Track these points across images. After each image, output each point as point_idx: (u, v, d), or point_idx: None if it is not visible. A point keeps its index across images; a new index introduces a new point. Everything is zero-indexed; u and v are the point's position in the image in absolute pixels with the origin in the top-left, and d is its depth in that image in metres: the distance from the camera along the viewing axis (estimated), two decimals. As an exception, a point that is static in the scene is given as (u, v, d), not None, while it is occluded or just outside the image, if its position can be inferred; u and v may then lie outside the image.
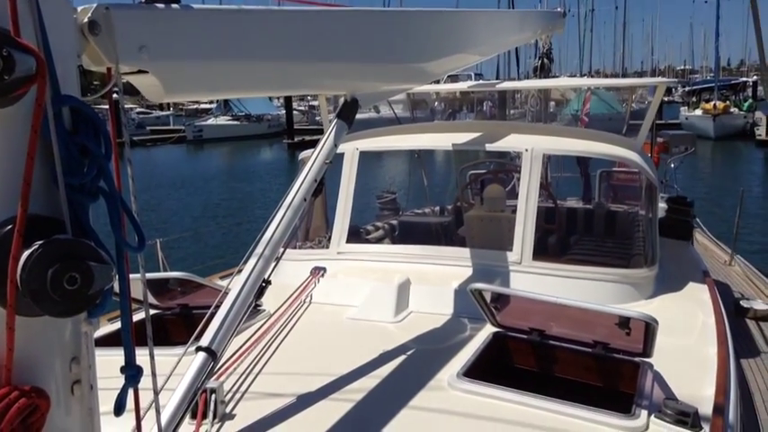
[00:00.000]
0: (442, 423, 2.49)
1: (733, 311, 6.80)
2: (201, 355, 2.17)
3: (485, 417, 2.49)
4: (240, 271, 2.44)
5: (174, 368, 2.22)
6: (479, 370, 2.82)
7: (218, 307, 2.32)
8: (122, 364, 1.60)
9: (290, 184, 2.72)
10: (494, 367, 2.99)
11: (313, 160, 2.76)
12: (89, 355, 1.51)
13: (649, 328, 2.59)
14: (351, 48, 2.80)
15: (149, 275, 3.40)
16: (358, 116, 2.99)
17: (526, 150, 4.13)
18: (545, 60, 6.90)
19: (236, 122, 50.83)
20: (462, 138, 4.55)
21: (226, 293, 2.38)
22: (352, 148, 4.49)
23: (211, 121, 51.77)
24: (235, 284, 2.38)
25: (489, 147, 4.45)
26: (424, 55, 3.46)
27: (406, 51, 3.27)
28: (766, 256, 10.74)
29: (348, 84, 2.96)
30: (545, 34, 6.57)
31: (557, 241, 5.10)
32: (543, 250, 4.42)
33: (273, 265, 2.55)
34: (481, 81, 6.01)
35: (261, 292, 2.48)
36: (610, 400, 2.61)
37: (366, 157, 4.56)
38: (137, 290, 3.32)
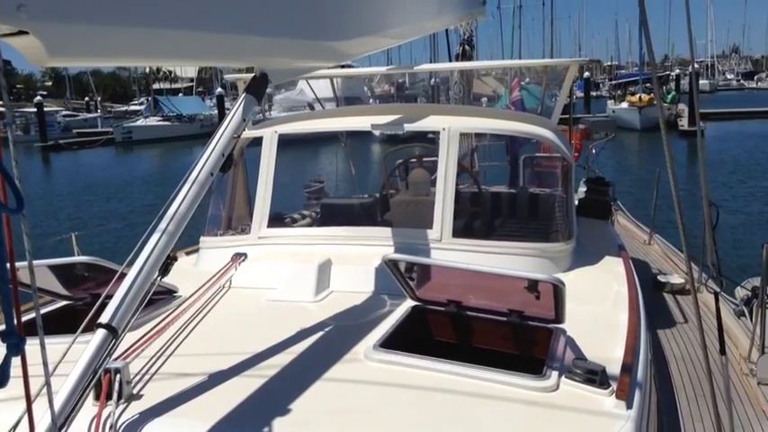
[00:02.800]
0: (356, 393, 2.48)
1: (651, 286, 7.07)
2: (101, 332, 2.09)
3: (399, 384, 2.49)
4: (142, 247, 2.37)
5: (68, 349, 2.13)
6: (397, 342, 2.83)
7: (118, 285, 2.25)
8: (34, 354, 1.55)
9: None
10: (413, 340, 3.00)
11: (220, 134, 2.71)
12: None
13: (557, 290, 2.64)
14: (258, 21, 2.75)
15: (53, 261, 3.29)
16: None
17: (443, 129, 4.18)
18: (466, 47, 6.99)
19: (166, 123, 49.80)
20: (383, 120, 4.56)
21: (124, 274, 2.30)
22: (270, 132, 4.44)
23: (141, 122, 50.56)
24: (137, 260, 2.31)
25: (408, 127, 4.47)
26: (337, 34, 3.43)
27: (317, 29, 3.24)
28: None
29: (256, 58, 2.92)
30: (465, 21, 6.64)
31: (480, 223, 5.17)
32: (465, 230, 4.47)
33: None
34: (401, 66, 6.02)
35: (166, 268, 2.41)
36: (527, 366, 2.66)
37: (300, 149, 4.52)
38: (41, 279, 3.19)
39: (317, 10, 3.22)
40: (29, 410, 1.76)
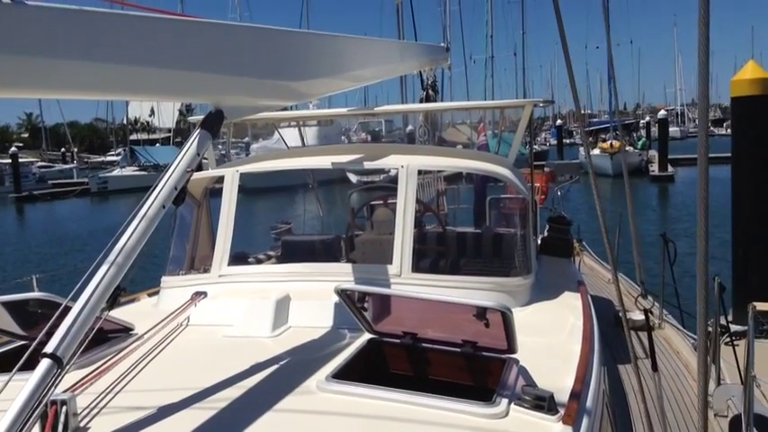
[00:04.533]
0: (305, 422, 2.48)
1: (614, 323, 7.16)
2: (45, 361, 2.08)
3: (348, 414, 2.50)
4: (90, 279, 2.37)
5: (9, 380, 2.11)
6: (351, 373, 2.84)
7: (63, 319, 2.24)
8: None
9: None
10: (368, 372, 3.01)
11: (173, 168, 2.75)
12: None
13: (505, 317, 2.67)
14: (213, 59, 2.83)
15: (4, 297, 3.27)
16: None
17: (402, 167, 4.26)
18: (430, 92, 7.16)
19: (142, 173, 49.73)
20: (345, 159, 4.64)
21: (69, 307, 2.29)
22: (232, 171, 4.50)
23: (117, 172, 50.51)
24: (85, 291, 2.32)
25: (368, 165, 4.55)
26: (294, 74, 3.51)
27: (274, 68, 3.32)
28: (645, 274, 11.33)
29: (211, 95, 2.99)
30: (429, 66, 6.81)
31: (441, 260, 5.22)
32: (425, 266, 4.52)
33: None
34: (362, 107, 6.13)
35: (115, 299, 2.42)
36: (481, 397, 2.68)
37: (273, 198, 4.56)
38: None
39: (273, 50, 3.30)
40: None
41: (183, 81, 2.71)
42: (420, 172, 4.49)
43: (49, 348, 2.11)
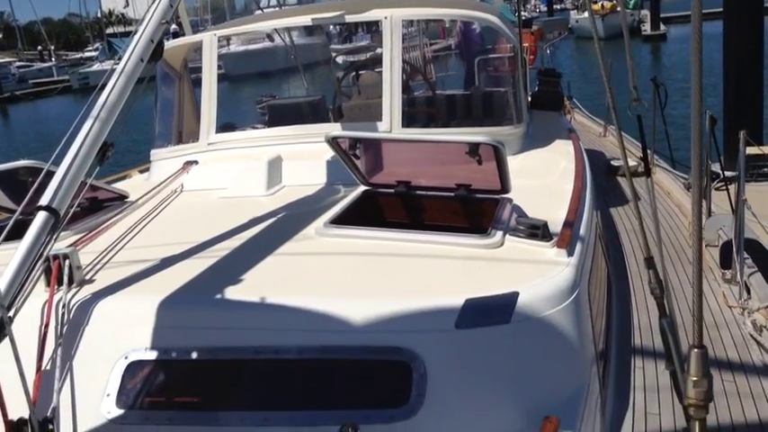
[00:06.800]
0: (304, 263, 2.55)
1: (605, 171, 7.24)
2: (42, 214, 2.09)
3: (347, 253, 2.56)
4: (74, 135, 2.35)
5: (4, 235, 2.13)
6: (348, 221, 2.88)
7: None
8: None
9: None
10: (365, 222, 3.05)
11: (147, 21, 2.68)
12: None
13: (497, 151, 2.68)
14: None
15: None
16: None
17: (385, 18, 4.15)
18: None
19: (123, 65, 48.58)
20: (325, 15, 4.51)
21: (52, 172, 2.27)
22: (209, 35, 4.38)
23: (96, 66, 49.22)
24: (74, 144, 2.31)
25: (350, 18, 4.43)
26: None
27: None
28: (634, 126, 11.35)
29: None
30: None
31: (434, 121, 5.19)
32: (415, 121, 4.49)
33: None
34: None
35: (104, 154, 2.41)
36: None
37: (259, 84, 4.41)
38: None
39: None
40: None
41: None
42: (405, 39, 4.36)
43: (43, 201, 2.11)
